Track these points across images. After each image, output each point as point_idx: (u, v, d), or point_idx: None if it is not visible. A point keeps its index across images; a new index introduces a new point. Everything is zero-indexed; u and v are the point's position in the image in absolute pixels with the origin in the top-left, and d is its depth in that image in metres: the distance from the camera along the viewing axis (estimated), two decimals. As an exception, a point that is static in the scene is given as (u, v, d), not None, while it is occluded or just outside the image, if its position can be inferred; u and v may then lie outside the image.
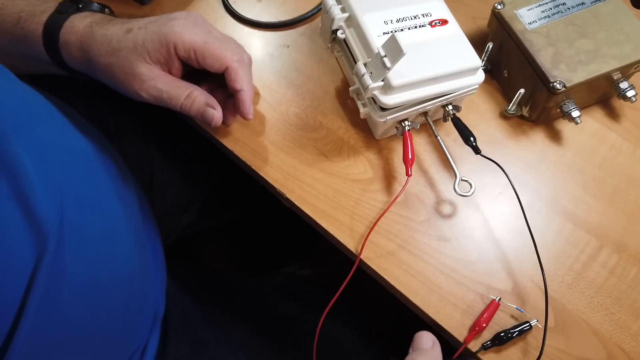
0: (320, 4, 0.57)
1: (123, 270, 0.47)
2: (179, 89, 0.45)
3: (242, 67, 0.46)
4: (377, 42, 0.43)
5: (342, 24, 0.46)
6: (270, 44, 0.56)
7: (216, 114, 0.46)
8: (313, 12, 0.57)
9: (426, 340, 0.39)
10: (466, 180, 0.44)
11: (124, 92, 0.46)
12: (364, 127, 0.51)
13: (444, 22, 0.46)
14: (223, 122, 0.47)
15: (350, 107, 0.52)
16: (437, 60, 0.43)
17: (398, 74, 0.41)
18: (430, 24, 0.45)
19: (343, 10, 0.46)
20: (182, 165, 0.71)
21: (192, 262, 0.40)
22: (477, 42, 0.45)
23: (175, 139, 0.70)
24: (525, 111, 0.50)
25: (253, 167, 0.49)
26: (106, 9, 0.50)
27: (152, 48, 0.44)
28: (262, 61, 0.55)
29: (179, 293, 0.56)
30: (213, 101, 0.46)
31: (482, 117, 0.51)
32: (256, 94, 0.53)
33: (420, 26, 0.45)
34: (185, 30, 0.44)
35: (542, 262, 0.42)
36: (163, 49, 0.44)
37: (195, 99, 0.45)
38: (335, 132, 0.51)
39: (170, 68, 0.46)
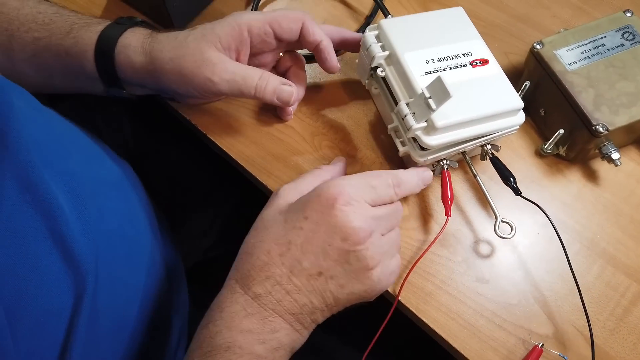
0: (361, 27, 0.57)
1: (149, 301, 0.46)
2: (252, 70, 0.45)
3: (315, 22, 0.46)
4: (420, 82, 0.43)
5: (382, 61, 0.46)
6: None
7: (290, 89, 0.46)
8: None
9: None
10: (507, 222, 0.44)
11: (192, 88, 0.44)
12: (398, 163, 0.50)
13: (484, 62, 0.45)
14: (283, 117, 0.50)
15: (383, 142, 0.51)
16: (479, 101, 0.43)
17: (442, 115, 0.41)
18: (471, 63, 0.45)
19: (383, 48, 0.46)
20: (203, 188, 0.70)
21: (213, 286, 0.39)
22: (510, 78, 0.45)
23: (196, 164, 0.70)
24: (562, 150, 0.49)
25: (287, 202, 0.49)
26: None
27: (224, 33, 0.43)
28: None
29: (200, 319, 0.55)
30: (286, 80, 0.47)
31: (517, 155, 0.51)
32: (288, 127, 0.53)
33: (461, 66, 0.45)
34: (250, 14, 0.45)
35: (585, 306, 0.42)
36: (235, 32, 0.44)
37: (270, 78, 0.45)
38: (369, 167, 0.51)
39: (239, 55, 0.45)
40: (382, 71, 0.46)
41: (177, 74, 0.43)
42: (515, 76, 0.53)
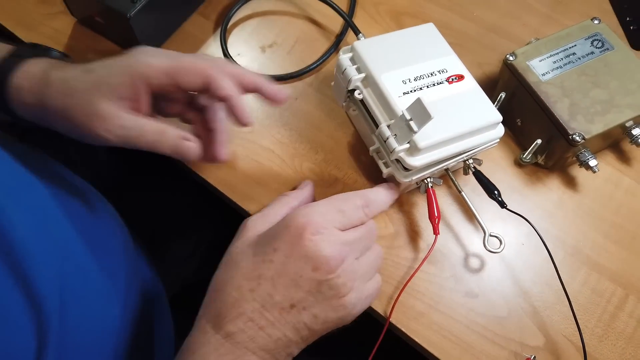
0: (325, 53, 0.57)
1: (128, 333, 0.45)
2: (148, 125, 0.40)
3: (224, 75, 0.40)
4: (399, 103, 0.43)
5: (359, 84, 0.46)
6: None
7: (192, 145, 0.42)
8: (318, 62, 0.56)
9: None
10: (495, 236, 0.44)
11: (82, 138, 0.40)
12: (381, 181, 0.50)
13: (460, 77, 0.46)
14: (212, 159, 0.44)
15: (364, 162, 0.51)
16: (459, 117, 0.43)
17: (424, 135, 0.41)
18: (447, 80, 0.45)
19: (359, 70, 0.46)
20: (184, 214, 0.69)
21: (198, 311, 0.39)
22: (486, 89, 0.45)
23: (176, 189, 0.69)
24: (540, 159, 0.50)
25: (271, 228, 0.48)
26: (68, 58, 0.47)
27: (117, 82, 0.39)
28: (272, 114, 0.54)
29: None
30: (187, 134, 0.42)
31: (497, 165, 0.51)
32: (267, 150, 0.52)
33: (438, 83, 0.45)
34: (151, 57, 0.40)
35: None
36: (129, 81, 0.39)
37: (167, 132, 0.40)
38: (351, 187, 0.50)
39: (138, 106, 0.40)
40: (359, 94, 0.46)
41: (66, 124, 0.40)
42: (490, 87, 0.53)
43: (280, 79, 0.55)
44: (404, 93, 0.44)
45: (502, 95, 0.50)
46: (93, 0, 0.48)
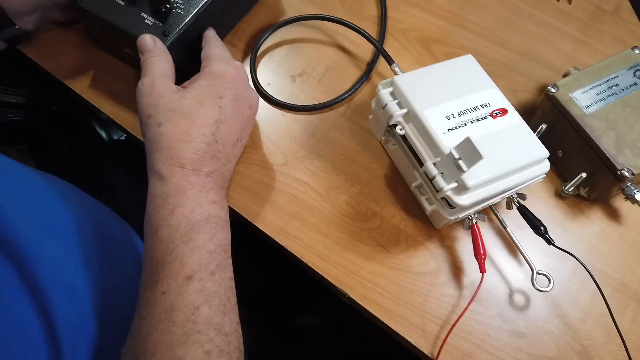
0: (357, 82, 0.56)
1: None
2: None
3: None
4: (445, 140, 0.42)
5: (401, 119, 0.45)
6: (310, 127, 0.54)
7: None
8: (351, 92, 0.55)
9: (149, 41, 0.45)
10: (544, 275, 0.43)
11: None
12: (419, 215, 0.49)
13: (504, 111, 0.45)
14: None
15: (402, 194, 0.50)
16: (506, 154, 0.42)
17: (471, 173, 0.40)
18: (491, 114, 0.44)
19: (400, 105, 0.45)
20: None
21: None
22: (522, 117, 0.44)
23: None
24: (583, 192, 0.49)
25: (310, 265, 0.47)
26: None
27: None
28: (305, 145, 0.53)
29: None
30: None
31: (538, 197, 0.51)
32: (302, 182, 0.51)
33: (482, 118, 0.44)
34: None
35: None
36: None
37: None
38: (390, 221, 0.49)
39: None
40: (401, 129, 0.45)
41: None
42: (525, 115, 0.52)
43: (312, 109, 0.55)
44: (449, 129, 0.43)
45: (543, 126, 0.49)
46: (125, 35, 0.48)
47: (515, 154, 0.42)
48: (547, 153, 0.43)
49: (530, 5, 0.62)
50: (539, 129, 0.49)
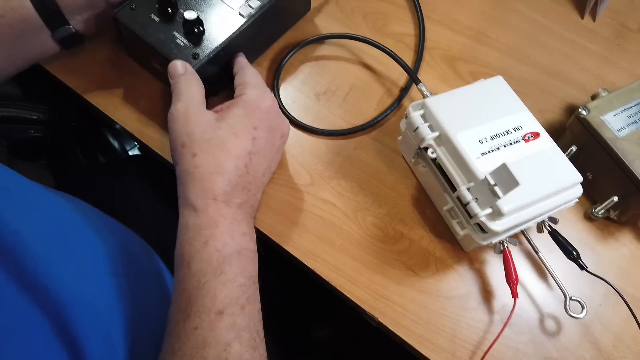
0: (389, 108, 0.55)
1: None
2: None
3: None
4: (478, 165, 0.41)
5: (432, 142, 0.45)
6: (336, 146, 0.54)
7: None
8: (382, 117, 0.55)
9: (179, 67, 0.45)
10: (577, 300, 0.43)
11: None
12: (448, 237, 0.49)
13: (536, 135, 0.44)
14: None
15: (430, 216, 0.50)
16: (540, 179, 0.42)
17: (507, 199, 0.40)
18: (523, 138, 0.44)
19: (431, 128, 0.45)
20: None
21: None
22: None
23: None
24: (613, 214, 0.48)
25: (338, 288, 0.47)
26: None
27: None
28: (330, 165, 0.52)
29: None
30: None
31: (567, 219, 0.50)
32: (328, 203, 0.51)
33: (514, 142, 0.44)
34: None
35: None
36: None
37: None
38: (418, 243, 0.49)
39: None
40: (432, 152, 0.44)
41: None
42: (553, 135, 0.51)
43: (342, 133, 0.54)
44: (482, 154, 0.42)
45: (573, 148, 0.49)
46: (155, 52, 0.48)
47: (549, 179, 0.42)
48: (580, 178, 0.43)
49: (553, 23, 0.62)
50: (569, 150, 0.49)
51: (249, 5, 0.50)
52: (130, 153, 0.86)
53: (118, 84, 0.55)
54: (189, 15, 0.46)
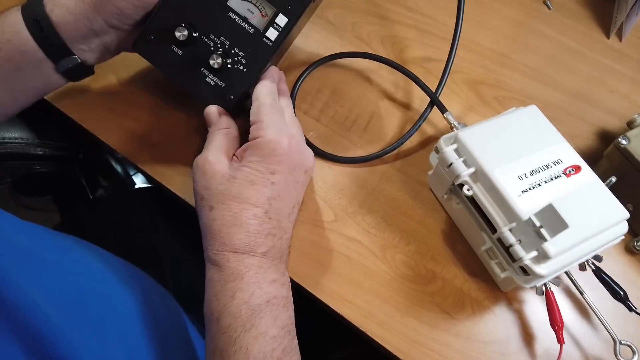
0: (407, 133, 0.53)
1: None
2: None
3: None
4: (520, 205, 0.39)
5: (468, 179, 0.42)
6: (359, 179, 0.51)
7: None
8: (402, 141, 0.52)
9: (214, 114, 0.44)
10: (628, 345, 0.40)
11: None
12: (483, 275, 0.46)
13: (577, 168, 0.42)
14: None
15: (462, 252, 0.47)
16: (586, 217, 0.39)
17: (554, 241, 0.37)
18: (564, 172, 0.42)
19: (466, 163, 0.42)
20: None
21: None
22: None
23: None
24: (657, 248, 0.46)
25: (370, 335, 0.44)
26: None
27: None
28: (354, 199, 0.50)
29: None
30: None
31: (607, 254, 0.47)
32: (355, 241, 0.48)
33: (555, 177, 0.41)
34: None
35: None
36: None
37: None
38: (452, 283, 0.46)
39: None
40: (468, 189, 0.42)
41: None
42: (587, 163, 0.50)
43: (360, 160, 0.52)
44: (523, 191, 0.40)
45: (613, 179, 0.46)
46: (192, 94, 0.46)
47: (595, 216, 0.40)
48: (627, 214, 0.40)
49: (579, 44, 0.60)
50: (608, 181, 0.46)
51: (275, 27, 0.45)
52: (133, 178, 0.84)
53: (129, 118, 0.52)
54: (215, 63, 0.43)
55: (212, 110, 0.45)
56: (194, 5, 0.44)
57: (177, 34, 0.43)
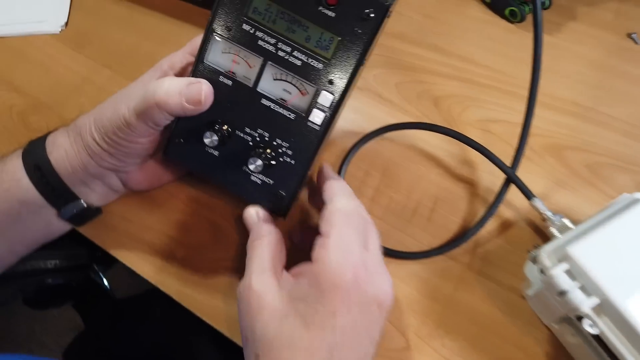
0: (490, 209, 0.43)
1: None
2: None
3: None
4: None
5: (591, 312, 0.32)
6: (429, 287, 0.41)
7: (203, 84, 0.36)
8: (475, 231, 0.43)
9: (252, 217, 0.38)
10: None
11: (115, 136, 0.37)
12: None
13: None
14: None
15: (578, 383, 0.37)
16: None
17: None
18: None
19: (584, 289, 0.32)
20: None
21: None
22: None
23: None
24: None
25: None
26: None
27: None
28: (428, 317, 0.40)
29: None
30: (193, 79, 0.36)
31: None
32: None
33: None
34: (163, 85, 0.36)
35: None
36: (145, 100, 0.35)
37: (169, 79, 0.36)
38: None
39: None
40: (592, 326, 0.31)
41: (100, 131, 0.37)
42: None
43: (421, 256, 0.42)
44: (670, 330, 0.29)
45: None
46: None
47: None
48: None
49: (680, 84, 0.49)
50: None
51: (320, 107, 0.36)
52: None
53: (143, 229, 0.44)
54: (255, 167, 0.36)
55: (250, 213, 0.38)
56: (219, 99, 0.37)
57: (207, 140, 0.37)
